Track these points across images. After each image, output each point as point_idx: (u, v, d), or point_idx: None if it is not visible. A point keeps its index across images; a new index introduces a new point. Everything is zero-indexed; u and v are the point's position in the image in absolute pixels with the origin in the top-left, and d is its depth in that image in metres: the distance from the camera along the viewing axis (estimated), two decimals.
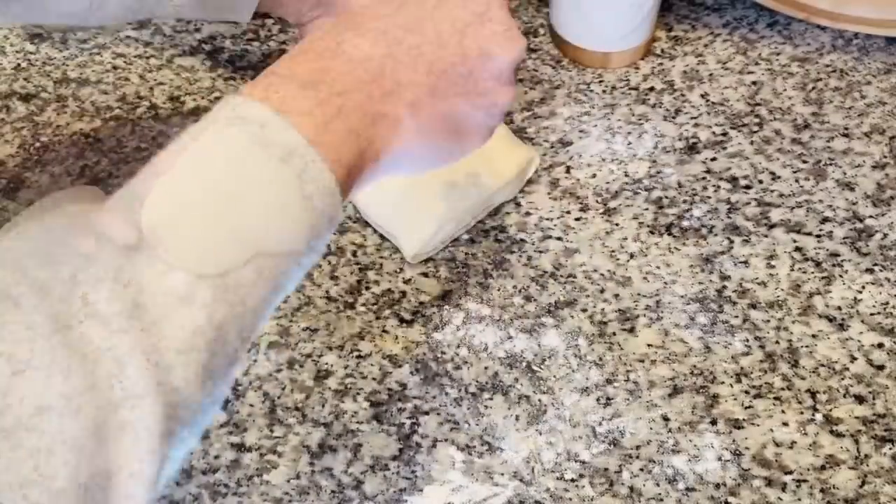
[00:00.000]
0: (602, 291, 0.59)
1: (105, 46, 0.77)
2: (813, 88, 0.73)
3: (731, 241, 0.62)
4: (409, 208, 0.60)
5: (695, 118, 0.70)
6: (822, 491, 0.50)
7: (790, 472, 0.51)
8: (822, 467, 0.51)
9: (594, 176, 0.66)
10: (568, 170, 0.67)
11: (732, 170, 0.67)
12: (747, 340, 0.57)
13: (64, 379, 0.29)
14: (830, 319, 0.58)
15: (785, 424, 0.53)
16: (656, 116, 0.70)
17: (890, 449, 0.52)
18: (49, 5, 0.54)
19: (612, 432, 0.53)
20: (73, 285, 0.31)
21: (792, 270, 0.61)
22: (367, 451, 0.52)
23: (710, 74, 0.74)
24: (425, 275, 0.60)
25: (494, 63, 0.42)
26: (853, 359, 0.56)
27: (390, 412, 0.54)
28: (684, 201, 0.65)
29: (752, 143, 0.68)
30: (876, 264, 0.61)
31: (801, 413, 0.53)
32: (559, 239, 0.62)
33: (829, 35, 0.77)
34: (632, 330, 0.57)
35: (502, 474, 0.51)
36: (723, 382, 0.55)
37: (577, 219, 0.63)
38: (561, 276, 0.60)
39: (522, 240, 0.62)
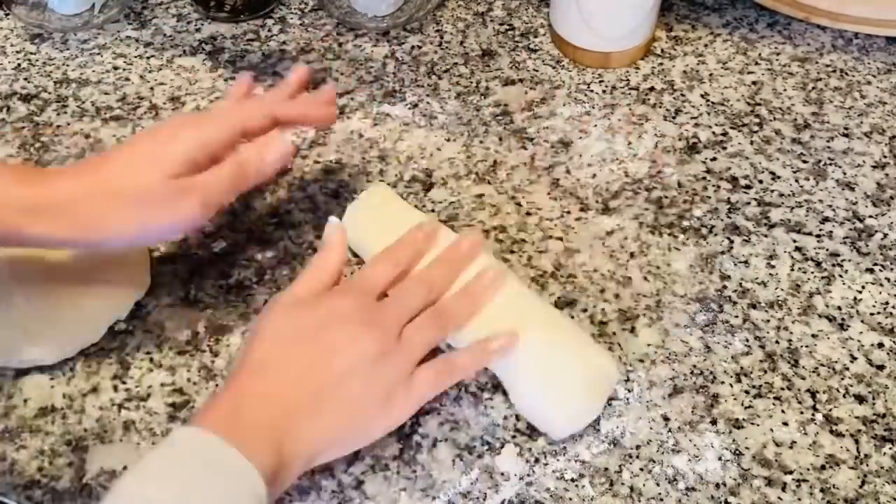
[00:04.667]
0: (602, 291, 0.59)
1: (105, 46, 0.77)
2: (813, 88, 0.73)
3: (732, 241, 0.62)
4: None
5: (695, 118, 0.70)
6: (822, 491, 0.50)
7: (790, 472, 0.51)
8: (823, 467, 0.51)
9: (594, 176, 0.66)
10: (568, 170, 0.67)
11: (732, 170, 0.67)
12: (747, 340, 0.57)
13: None
14: (830, 319, 0.58)
15: (785, 424, 0.53)
16: (656, 116, 0.70)
17: (890, 449, 0.52)
18: None
19: (612, 432, 0.53)
20: None
21: (792, 270, 0.61)
22: (368, 450, 0.52)
23: (710, 74, 0.74)
24: None
25: None
26: (853, 358, 0.56)
27: None
28: (684, 201, 0.65)
29: (752, 142, 0.68)
30: (876, 264, 0.61)
31: (802, 413, 0.53)
32: (559, 239, 0.62)
33: (829, 35, 0.77)
34: (632, 330, 0.57)
35: (502, 474, 0.51)
36: (723, 382, 0.55)
37: (578, 219, 0.63)
38: (561, 276, 0.60)
39: (523, 240, 0.62)
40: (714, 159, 0.67)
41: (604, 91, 0.73)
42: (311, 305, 0.50)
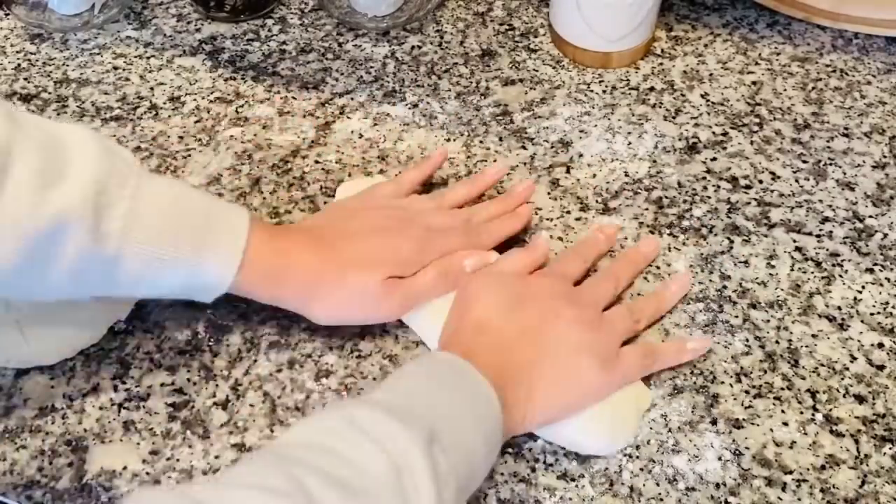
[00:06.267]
0: None
1: (105, 46, 0.77)
2: (813, 88, 0.73)
3: (732, 241, 0.62)
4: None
5: (695, 118, 0.70)
6: (822, 491, 0.50)
7: (790, 472, 0.51)
8: (822, 467, 0.51)
9: (594, 176, 0.66)
10: (568, 170, 0.67)
11: (732, 170, 0.67)
12: (747, 340, 0.57)
13: None
14: (830, 319, 0.58)
15: (785, 424, 0.53)
16: (656, 116, 0.70)
17: (890, 449, 0.52)
18: None
19: None
20: None
21: (792, 270, 0.61)
22: None
23: (710, 74, 0.74)
24: None
25: None
26: (853, 359, 0.56)
27: None
28: (684, 201, 0.65)
29: (752, 143, 0.68)
30: (876, 264, 0.61)
31: (801, 413, 0.53)
32: (559, 239, 0.62)
33: (829, 35, 0.77)
34: None
35: (502, 474, 0.51)
36: (723, 382, 0.55)
37: (577, 219, 0.63)
38: None
39: (523, 240, 0.62)
40: (714, 159, 0.67)
41: (604, 91, 0.73)
42: (519, 279, 0.55)
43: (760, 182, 0.66)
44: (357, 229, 0.56)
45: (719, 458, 0.51)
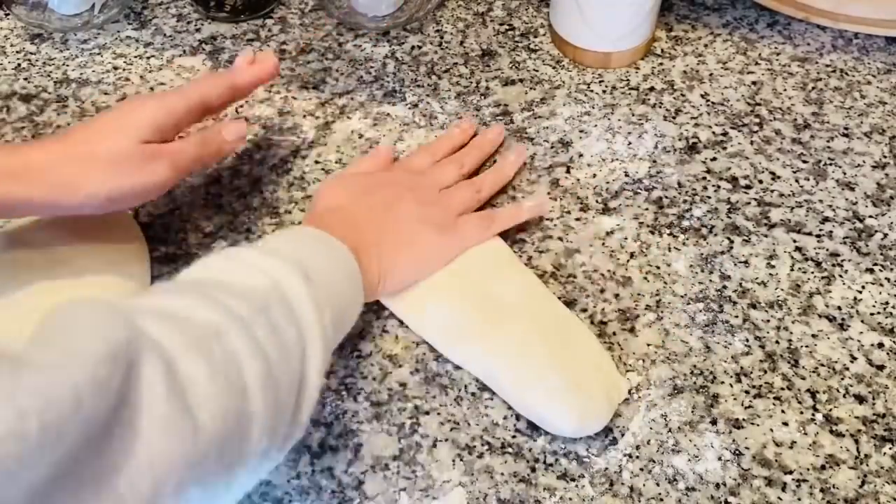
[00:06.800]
0: (602, 291, 0.59)
1: (105, 46, 0.77)
2: (813, 88, 0.73)
3: (732, 241, 0.62)
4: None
5: (695, 118, 0.70)
6: (822, 491, 0.50)
7: (790, 472, 0.51)
8: (822, 467, 0.51)
9: (594, 176, 0.66)
10: (568, 170, 0.67)
11: (732, 170, 0.67)
12: (747, 340, 0.57)
13: None
14: (830, 319, 0.58)
15: (785, 424, 0.53)
16: (656, 116, 0.70)
17: (890, 449, 0.52)
18: None
19: (612, 432, 0.53)
20: None
21: (792, 270, 0.61)
22: (368, 450, 0.52)
23: (710, 74, 0.74)
24: None
25: None
26: (853, 359, 0.56)
27: (391, 412, 0.54)
28: (684, 201, 0.65)
29: (752, 143, 0.68)
30: (876, 264, 0.61)
31: (801, 413, 0.54)
32: (559, 239, 0.62)
33: (829, 35, 0.77)
34: (632, 330, 0.57)
35: (502, 474, 0.51)
36: (723, 382, 0.55)
37: (577, 219, 0.63)
38: (561, 276, 0.60)
39: (522, 240, 0.62)
40: (714, 159, 0.67)
41: (604, 91, 0.73)
42: (365, 175, 0.61)
43: (760, 182, 0.66)
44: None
45: (719, 458, 0.52)
